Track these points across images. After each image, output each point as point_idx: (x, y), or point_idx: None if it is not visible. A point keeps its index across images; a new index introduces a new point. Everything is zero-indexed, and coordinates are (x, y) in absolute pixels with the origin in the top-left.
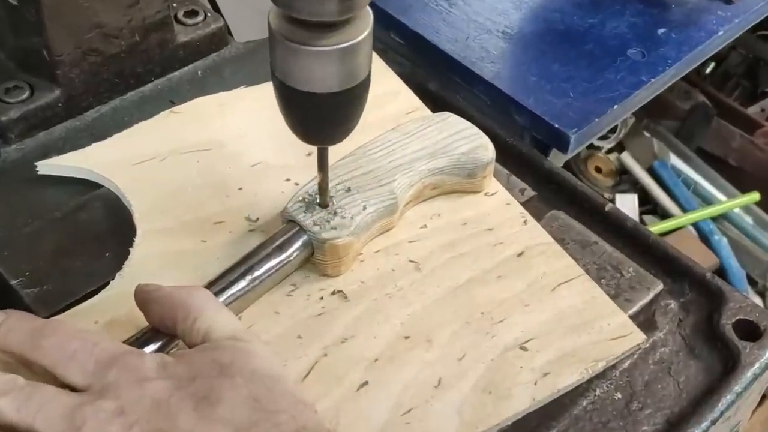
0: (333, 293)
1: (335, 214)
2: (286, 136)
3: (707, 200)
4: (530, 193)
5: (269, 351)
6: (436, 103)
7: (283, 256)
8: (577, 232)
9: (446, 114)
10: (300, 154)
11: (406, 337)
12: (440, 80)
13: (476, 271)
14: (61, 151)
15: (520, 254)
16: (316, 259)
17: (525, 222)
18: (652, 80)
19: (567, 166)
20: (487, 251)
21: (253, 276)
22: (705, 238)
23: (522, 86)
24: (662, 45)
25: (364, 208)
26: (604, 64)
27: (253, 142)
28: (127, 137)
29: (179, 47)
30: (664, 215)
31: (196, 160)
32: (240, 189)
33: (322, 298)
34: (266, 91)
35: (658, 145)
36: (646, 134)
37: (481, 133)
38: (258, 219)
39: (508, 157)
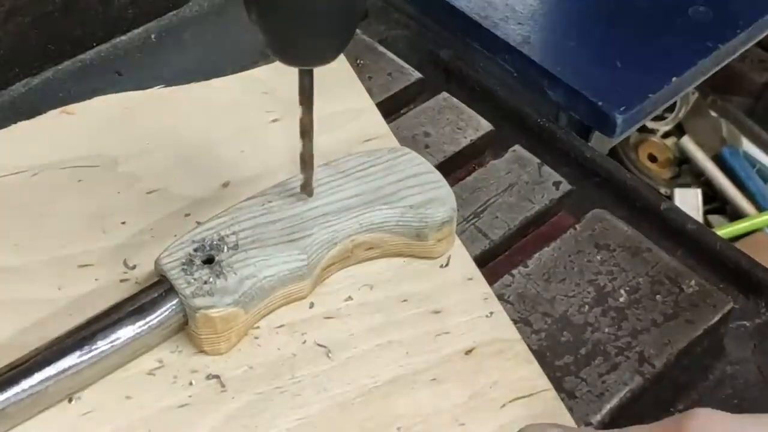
0: (208, 378)
1: (220, 273)
2: (201, 159)
3: None
4: (566, 187)
5: None
6: (449, 75)
7: (141, 322)
8: (626, 237)
9: (405, 150)
10: (213, 184)
11: None
12: (455, 46)
13: (405, 368)
14: None
15: (469, 351)
16: (192, 331)
17: (487, 305)
18: (720, 47)
19: (613, 153)
20: (425, 342)
21: (92, 348)
22: None
23: (557, 54)
24: (733, 2)
25: (261, 269)
26: (660, 27)
27: (157, 162)
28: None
29: (127, 4)
30: (735, 215)
31: (78, 179)
32: (123, 223)
33: (191, 384)
34: (191, 95)
35: (727, 128)
36: (713, 114)
37: (443, 182)
38: (135, 266)
39: (539, 142)
